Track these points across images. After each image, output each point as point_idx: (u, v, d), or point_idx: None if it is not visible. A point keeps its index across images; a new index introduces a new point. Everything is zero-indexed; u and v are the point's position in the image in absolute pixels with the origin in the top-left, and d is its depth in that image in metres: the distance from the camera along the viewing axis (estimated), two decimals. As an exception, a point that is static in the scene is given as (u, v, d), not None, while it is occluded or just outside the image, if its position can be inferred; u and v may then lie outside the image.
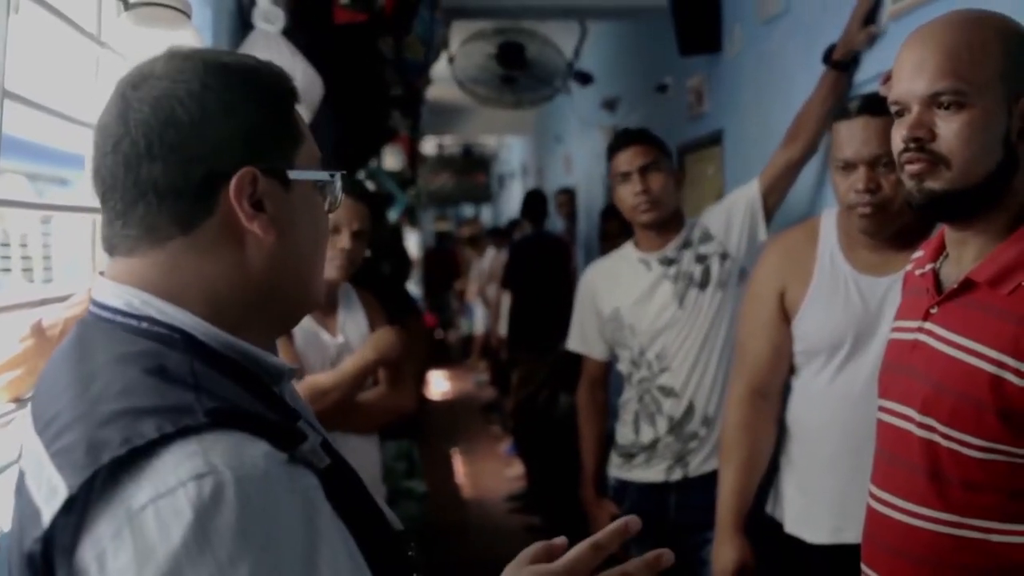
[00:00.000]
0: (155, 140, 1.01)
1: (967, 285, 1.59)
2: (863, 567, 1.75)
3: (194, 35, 2.03)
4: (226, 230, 1.04)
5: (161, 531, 0.85)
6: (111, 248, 1.07)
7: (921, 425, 1.62)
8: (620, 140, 3.12)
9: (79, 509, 0.88)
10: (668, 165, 3.08)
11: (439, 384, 12.52)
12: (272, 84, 1.11)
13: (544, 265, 6.56)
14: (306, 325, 2.68)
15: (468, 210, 19.48)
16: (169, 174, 1.01)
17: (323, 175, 1.14)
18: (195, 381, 0.96)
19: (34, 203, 2.44)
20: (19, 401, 1.68)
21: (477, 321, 11.61)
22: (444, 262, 14.65)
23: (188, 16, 2.03)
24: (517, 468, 7.45)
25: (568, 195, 7.98)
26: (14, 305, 1.73)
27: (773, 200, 3.01)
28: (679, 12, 4.23)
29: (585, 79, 6.40)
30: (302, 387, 2.53)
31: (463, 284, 13.38)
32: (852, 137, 2.26)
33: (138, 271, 1.04)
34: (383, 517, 1.13)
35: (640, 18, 5.49)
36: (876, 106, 2.21)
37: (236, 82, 1.06)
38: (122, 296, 1.04)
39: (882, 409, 1.75)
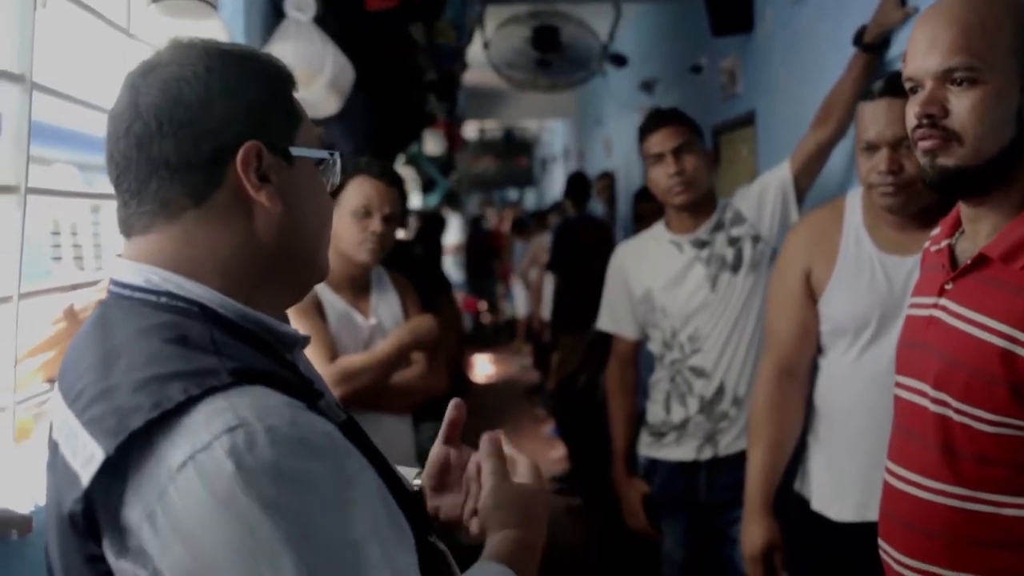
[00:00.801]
0: (165, 119, 1.07)
1: (981, 260, 1.60)
2: (880, 542, 1.77)
3: (221, 25, 2.08)
4: (235, 201, 1.10)
5: (205, 484, 0.90)
6: (128, 229, 1.12)
7: (935, 400, 1.63)
8: (652, 121, 3.11)
9: (119, 471, 0.93)
10: (701, 146, 3.08)
11: (483, 367, 12.56)
12: (270, 68, 1.17)
13: (587, 247, 6.55)
14: (339, 307, 2.74)
15: (512, 194, 19.50)
16: (180, 149, 1.07)
17: (323, 153, 1.20)
18: (216, 348, 1.02)
19: (77, 192, 2.49)
20: (53, 381, 1.74)
21: (519, 304, 11.64)
22: (483, 245, 14.67)
23: (215, 7, 2.07)
24: (560, 450, 7.47)
25: (608, 179, 7.97)
26: (47, 290, 1.79)
27: (805, 182, 3.00)
28: (711, -8, 4.22)
29: (620, 61, 6.39)
30: (336, 367, 2.58)
31: (505, 267, 13.42)
32: (876, 118, 2.26)
33: (155, 248, 1.10)
34: (398, 476, 1.18)
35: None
36: (899, 87, 2.19)
37: (237, 64, 1.13)
38: (141, 273, 1.09)
39: (898, 385, 1.77)
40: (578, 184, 7.48)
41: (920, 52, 1.59)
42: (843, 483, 2.42)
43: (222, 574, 0.90)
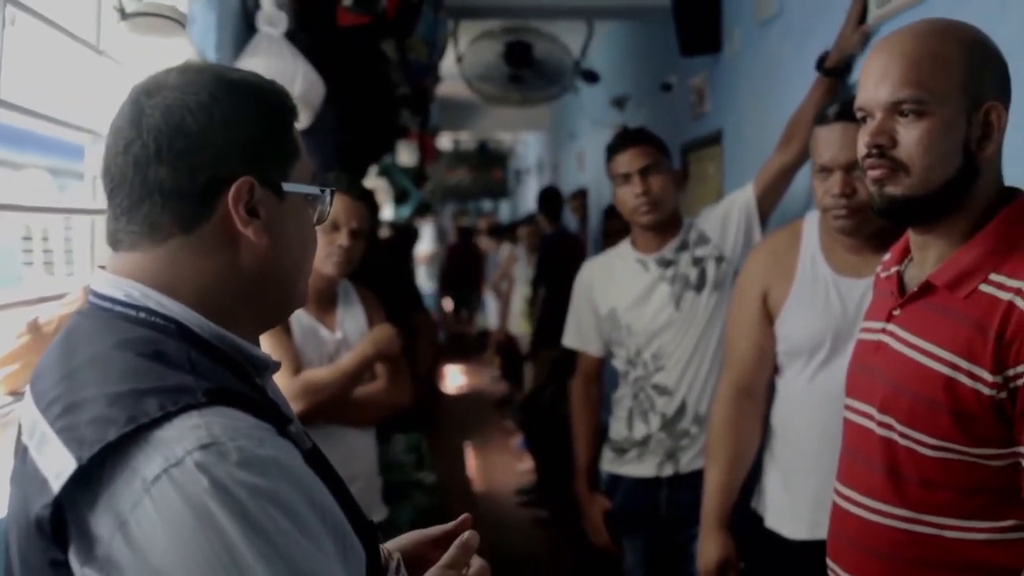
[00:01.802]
0: (164, 145, 1.09)
1: (927, 288, 1.64)
2: (828, 561, 1.81)
3: (188, 43, 2.10)
4: (222, 232, 1.13)
5: (181, 496, 0.92)
6: (115, 243, 1.15)
7: (881, 424, 1.67)
8: (619, 141, 3.12)
9: (90, 481, 0.95)
10: (668, 166, 3.11)
11: (455, 378, 12.58)
12: (274, 101, 1.19)
13: (565, 262, 6.60)
14: (305, 321, 2.75)
15: (487, 205, 19.51)
16: (175, 177, 1.09)
17: (314, 190, 1.23)
18: (192, 366, 1.04)
19: (35, 206, 2.49)
20: (16, 394, 1.75)
21: (490, 316, 11.66)
22: (468, 257, 14.68)
23: (183, 25, 2.10)
24: (528, 462, 7.51)
25: (582, 197, 8.01)
26: (12, 304, 1.80)
27: (768, 203, 3.03)
28: (680, 13, 4.27)
29: (592, 78, 6.43)
30: (300, 381, 2.60)
31: (481, 278, 13.44)
32: (829, 143, 2.31)
33: (139, 265, 1.12)
34: (358, 507, 1.20)
35: (645, 17, 5.52)
36: (851, 112, 2.26)
37: (242, 97, 1.14)
38: (122, 288, 1.11)
39: (847, 408, 1.81)
40: (551, 199, 7.52)
41: (871, 83, 1.63)
42: (796, 501, 2.46)
43: None
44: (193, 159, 1.09)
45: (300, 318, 2.75)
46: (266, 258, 1.16)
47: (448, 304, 14.88)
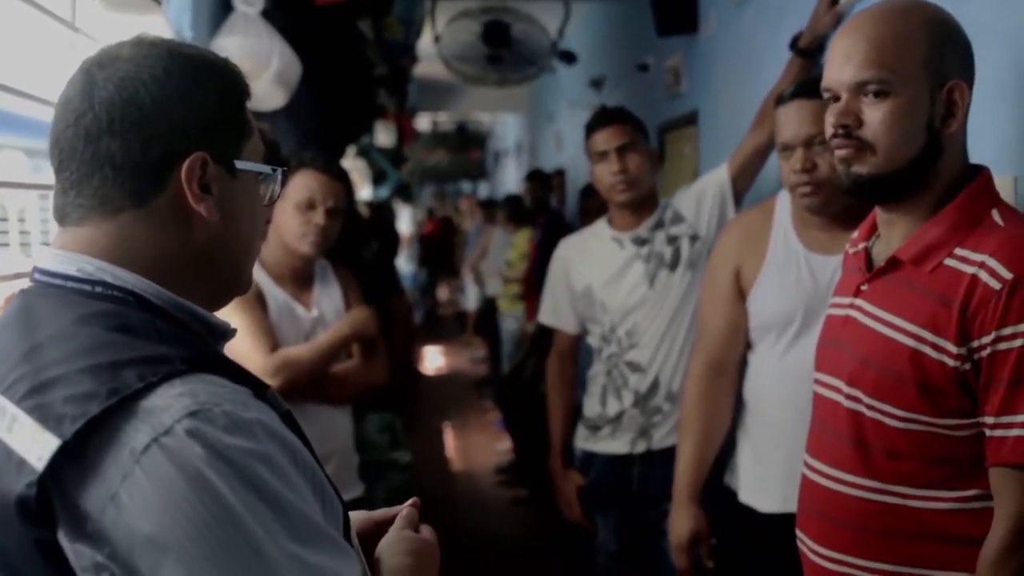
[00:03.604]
0: (117, 117, 1.08)
1: (893, 263, 1.67)
2: (797, 532, 1.84)
3: (163, 21, 2.11)
4: (174, 208, 1.12)
5: (174, 464, 0.93)
6: (62, 217, 1.13)
7: (848, 396, 1.71)
8: (598, 119, 3.16)
9: (76, 457, 0.94)
10: (645, 145, 3.13)
11: (433, 359, 12.60)
12: (228, 79, 1.18)
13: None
14: (281, 298, 2.77)
15: (466, 186, 19.51)
16: (127, 150, 1.08)
17: (266, 169, 1.22)
18: (160, 336, 1.05)
19: (24, 183, 2.49)
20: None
21: (469, 297, 11.67)
22: (445, 238, 14.69)
23: (158, 2, 2.10)
24: (507, 441, 7.55)
25: (560, 176, 8.03)
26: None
27: (742, 184, 3.06)
28: (657, -7, 4.29)
29: (569, 58, 6.44)
30: (275, 358, 2.62)
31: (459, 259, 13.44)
32: (788, 121, 2.34)
33: (89, 240, 1.11)
34: (326, 473, 1.22)
35: (622, -2, 5.55)
36: (808, 89, 2.29)
37: (196, 72, 1.14)
38: (74, 263, 1.09)
39: (816, 382, 1.84)
40: (542, 181, 7.55)
41: (837, 64, 1.66)
42: (768, 475, 2.49)
43: (195, 550, 0.91)
44: (146, 132, 1.08)
45: (276, 295, 2.76)
46: (218, 235, 1.15)
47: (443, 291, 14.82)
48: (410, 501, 1.36)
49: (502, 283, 8.24)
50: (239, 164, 1.17)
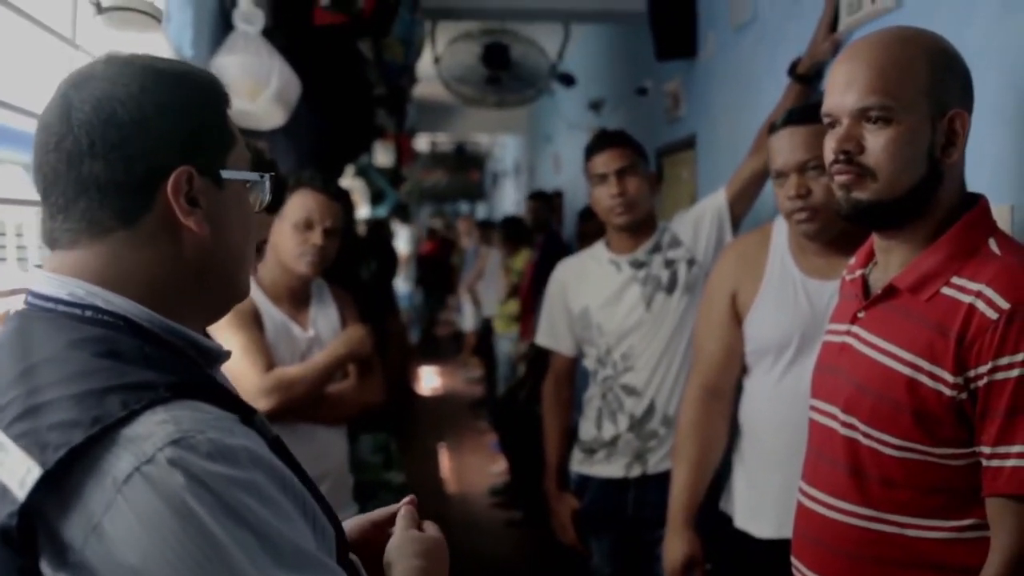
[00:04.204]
0: (97, 139, 1.07)
1: (890, 291, 1.67)
2: (793, 559, 1.84)
3: (164, 39, 2.11)
4: (164, 224, 1.11)
5: (157, 494, 0.91)
6: (52, 242, 1.13)
7: (844, 424, 1.70)
8: (598, 142, 3.17)
9: (58, 486, 0.93)
10: (644, 168, 3.14)
11: (429, 379, 12.58)
12: (206, 88, 1.17)
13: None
14: (277, 318, 2.76)
15: (464, 207, 19.54)
16: (110, 171, 1.07)
17: (253, 176, 1.21)
18: (148, 362, 1.03)
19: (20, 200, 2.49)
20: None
21: (466, 318, 11.67)
22: (442, 258, 14.69)
23: (159, 20, 2.10)
24: (502, 463, 7.53)
25: (559, 198, 8.03)
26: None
27: (740, 208, 3.07)
28: (656, 17, 4.30)
29: (568, 81, 6.46)
30: (271, 378, 2.61)
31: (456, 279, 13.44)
32: (781, 148, 2.35)
33: (80, 263, 1.10)
34: (322, 495, 1.20)
35: (622, 21, 5.56)
36: (799, 116, 2.32)
37: (173, 86, 1.13)
38: (65, 287, 1.09)
39: (812, 408, 1.84)
40: (545, 201, 7.57)
41: (838, 90, 1.66)
42: (764, 501, 2.48)
43: None
44: (127, 151, 1.07)
45: (273, 315, 2.76)
46: (208, 249, 1.14)
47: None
48: (407, 498, 1.36)
49: (498, 304, 8.24)
50: (225, 174, 1.16)
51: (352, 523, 1.32)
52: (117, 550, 0.91)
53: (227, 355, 1.22)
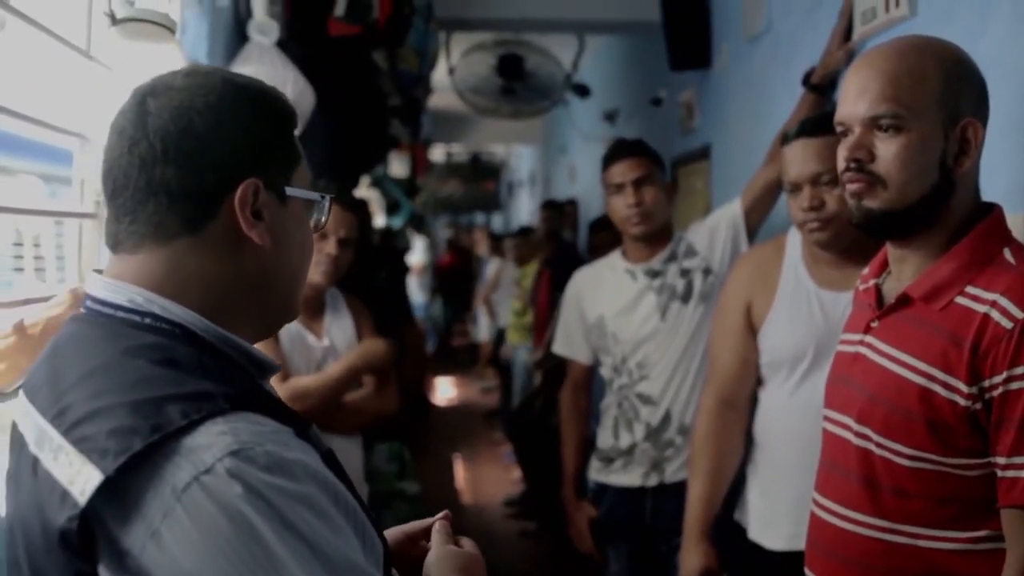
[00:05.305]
0: (172, 146, 1.09)
1: (904, 300, 1.66)
2: (806, 570, 1.83)
3: (177, 49, 2.11)
4: (227, 234, 1.13)
5: (215, 503, 0.93)
6: (115, 244, 1.14)
7: (858, 434, 1.69)
8: (615, 151, 3.17)
9: (118, 492, 0.94)
10: (661, 178, 3.14)
11: (444, 390, 12.59)
12: (277, 106, 1.20)
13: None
14: (292, 328, 2.76)
15: (480, 218, 19.52)
16: (182, 178, 1.10)
17: (315, 195, 1.24)
18: (205, 371, 1.05)
19: (25, 208, 2.51)
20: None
21: (481, 329, 11.66)
22: (461, 269, 14.69)
23: (173, 32, 2.11)
24: (516, 473, 7.51)
25: (573, 206, 8.02)
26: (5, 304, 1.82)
27: (755, 218, 3.07)
28: (670, 28, 4.31)
29: (583, 91, 6.47)
30: (286, 387, 2.62)
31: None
32: (793, 160, 2.35)
33: (142, 269, 1.12)
34: (368, 508, 1.21)
35: (636, 32, 5.57)
36: (812, 128, 2.32)
37: (249, 100, 1.16)
38: (125, 293, 1.11)
39: (826, 418, 1.83)
40: (556, 210, 7.57)
41: (851, 98, 1.66)
42: (777, 512, 2.48)
43: None
44: (201, 160, 1.10)
45: (287, 325, 2.75)
46: (268, 263, 1.16)
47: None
48: (442, 514, 1.37)
49: (512, 316, 8.23)
50: (289, 191, 1.18)
51: (390, 535, 1.33)
52: (174, 557, 0.92)
53: (278, 368, 1.24)
